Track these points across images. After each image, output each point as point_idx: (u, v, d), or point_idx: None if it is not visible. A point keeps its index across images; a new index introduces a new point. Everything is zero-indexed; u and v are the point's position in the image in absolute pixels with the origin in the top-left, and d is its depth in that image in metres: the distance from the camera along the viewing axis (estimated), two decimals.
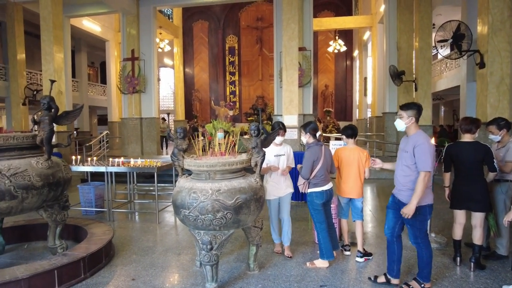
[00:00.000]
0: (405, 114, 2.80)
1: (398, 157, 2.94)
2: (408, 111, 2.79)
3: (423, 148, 2.67)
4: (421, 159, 2.67)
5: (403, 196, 2.84)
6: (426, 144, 2.69)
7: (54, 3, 7.99)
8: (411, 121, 2.79)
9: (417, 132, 2.79)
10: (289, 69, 7.89)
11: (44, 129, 3.42)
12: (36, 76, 13.94)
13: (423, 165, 2.67)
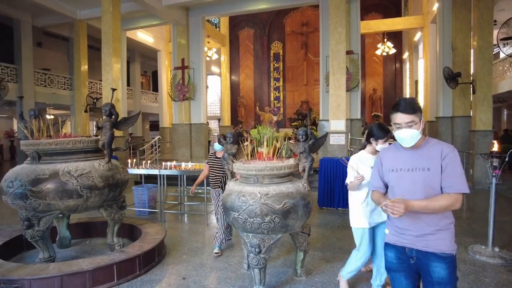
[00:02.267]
0: (417, 118, 1.83)
1: (408, 181, 1.88)
2: (418, 113, 1.85)
3: (456, 158, 1.81)
4: (457, 174, 1.78)
5: (433, 242, 1.83)
6: (456, 152, 1.85)
7: (114, 18, 8.65)
8: (423, 126, 1.89)
9: (428, 138, 1.95)
10: (336, 73, 7.76)
11: (105, 134, 3.71)
12: (96, 85, 15.14)
13: (460, 185, 1.78)
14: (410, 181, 1.86)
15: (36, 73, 12.58)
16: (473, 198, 7.26)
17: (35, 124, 3.71)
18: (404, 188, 1.87)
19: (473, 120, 8.58)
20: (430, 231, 1.82)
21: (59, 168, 3.46)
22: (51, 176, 3.40)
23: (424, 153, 1.87)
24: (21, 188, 3.35)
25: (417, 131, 1.84)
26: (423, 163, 1.85)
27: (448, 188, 1.77)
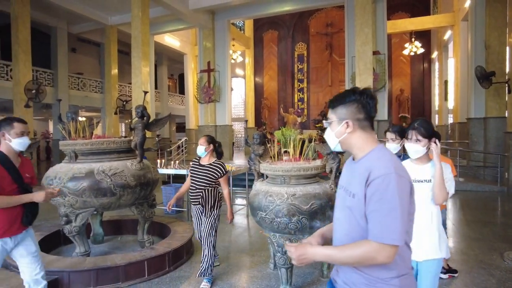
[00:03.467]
0: (333, 115, 1.33)
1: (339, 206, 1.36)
2: (337, 108, 1.31)
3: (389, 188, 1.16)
4: (382, 213, 1.17)
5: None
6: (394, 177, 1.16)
7: (143, 23, 8.96)
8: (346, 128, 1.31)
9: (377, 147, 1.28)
10: (362, 74, 7.67)
11: (137, 134, 3.86)
12: (125, 88, 15.68)
13: (382, 231, 1.17)
14: (339, 206, 1.35)
15: (70, 77, 13.21)
16: (509, 202, 6.94)
17: (72, 125, 3.92)
18: (335, 214, 1.38)
19: (509, 121, 8.19)
20: (361, 282, 1.24)
21: (94, 167, 3.64)
22: (87, 174, 3.58)
23: (357, 169, 1.26)
24: (60, 186, 3.55)
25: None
26: (351, 184, 1.27)
27: (369, 231, 1.17)
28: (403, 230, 1.15)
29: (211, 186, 3.24)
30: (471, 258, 3.94)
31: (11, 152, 2.32)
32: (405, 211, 1.15)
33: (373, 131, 1.30)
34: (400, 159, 1.67)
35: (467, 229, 5.11)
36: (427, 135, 2.06)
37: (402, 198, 1.14)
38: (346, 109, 1.28)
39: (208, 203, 3.22)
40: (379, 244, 1.13)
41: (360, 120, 1.27)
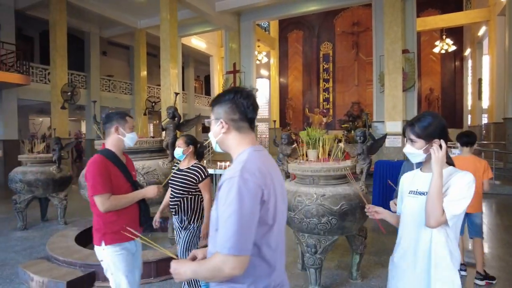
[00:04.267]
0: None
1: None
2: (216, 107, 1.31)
3: (232, 193, 1.08)
4: (223, 220, 1.10)
5: None
6: (241, 181, 1.09)
7: (171, 26, 9.20)
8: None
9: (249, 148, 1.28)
10: (391, 73, 7.51)
11: (169, 135, 3.99)
12: (154, 90, 16.12)
13: (221, 240, 1.08)
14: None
15: (102, 79, 13.75)
16: None
17: None
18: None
19: None
20: None
21: None
22: None
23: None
24: None
25: (211, 133, 1.32)
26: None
27: None
28: (243, 239, 1.04)
29: (190, 194, 2.68)
30: (510, 264, 3.78)
31: (119, 149, 2.16)
32: (247, 218, 1.04)
33: (251, 133, 1.25)
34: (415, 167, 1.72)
35: (505, 234, 4.90)
36: (423, 134, 1.53)
37: (243, 203, 1.04)
38: (222, 108, 1.25)
39: (186, 214, 2.69)
40: (223, 254, 1.04)
41: (235, 121, 1.22)
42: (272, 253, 1.16)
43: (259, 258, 1.13)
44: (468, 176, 1.48)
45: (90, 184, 1.98)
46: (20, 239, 4.87)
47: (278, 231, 1.18)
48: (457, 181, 1.47)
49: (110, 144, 2.12)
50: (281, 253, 1.23)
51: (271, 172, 1.17)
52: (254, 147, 1.22)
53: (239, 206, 1.04)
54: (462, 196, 1.44)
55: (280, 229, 1.20)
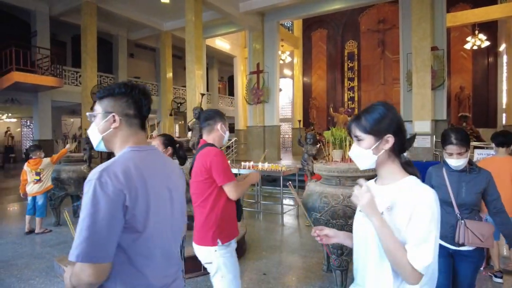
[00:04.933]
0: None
1: None
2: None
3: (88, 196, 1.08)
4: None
5: None
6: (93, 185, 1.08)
7: (196, 27, 9.35)
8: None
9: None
10: (420, 71, 7.28)
11: (195, 135, 4.05)
12: (179, 91, 16.44)
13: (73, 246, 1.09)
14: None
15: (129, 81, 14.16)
16: None
17: None
18: None
19: None
20: None
21: None
22: None
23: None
24: None
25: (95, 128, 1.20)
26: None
27: None
28: (97, 245, 0.97)
29: None
30: None
31: (219, 145, 2.20)
32: (102, 223, 0.97)
33: (141, 131, 1.19)
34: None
35: None
36: (373, 129, 1.16)
37: (98, 207, 0.97)
38: (115, 102, 1.14)
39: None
40: (78, 262, 0.98)
41: (129, 116, 1.15)
42: (145, 261, 1.08)
43: (131, 266, 1.07)
44: (429, 197, 1.09)
45: (221, 173, 1.99)
46: (54, 234, 5.11)
47: (154, 238, 1.10)
48: (419, 209, 1.07)
49: (212, 140, 2.15)
50: (162, 259, 1.15)
51: (145, 175, 1.08)
52: (134, 146, 1.15)
53: (93, 211, 0.97)
54: (427, 232, 1.05)
55: (158, 235, 1.12)
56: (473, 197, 2.13)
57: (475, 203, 2.15)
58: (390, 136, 1.14)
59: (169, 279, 1.17)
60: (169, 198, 1.17)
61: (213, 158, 2.01)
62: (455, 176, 2.17)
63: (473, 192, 2.13)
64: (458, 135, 2.07)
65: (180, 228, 1.26)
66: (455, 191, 2.15)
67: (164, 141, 2.53)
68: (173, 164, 1.31)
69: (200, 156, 2.05)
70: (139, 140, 1.18)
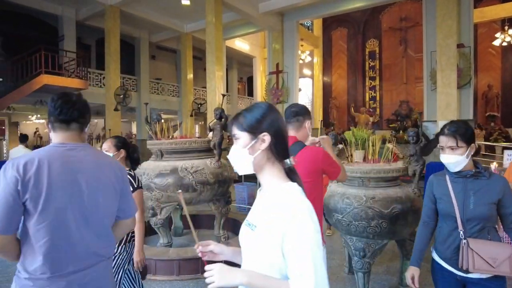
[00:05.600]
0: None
1: None
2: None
3: None
4: None
5: None
6: None
7: (217, 29, 9.43)
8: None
9: None
10: (445, 70, 7.06)
11: (216, 135, 4.09)
12: (199, 92, 16.63)
13: None
14: None
15: (151, 82, 14.46)
16: None
17: (158, 126, 4.30)
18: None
19: None
20: None
21: (178, 165, 3.94)
22: (172, 171, 3.90)
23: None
24: (149, 181, 3.92)
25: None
26: None
27: None
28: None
29: None
30: None
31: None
32: (1, 201, 1.19)
33: (65, 132, 1.38)
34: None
35: None
36: (250, 127, 1.07)
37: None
38: (48, 114, 1.41)
39: None
40: None
41: (51, 122, 1.40)
42: (41, 246, 1.24)
43: (30, 245, 1.26)
44: (304, 211, 0.96)
45: (335, 168, 2.00)
46: None
47: (52, 222, 1.26)
48: (294, 227, 0.94)
49: (301, 137, 2.07)
50: (65, 245, 1.29)
51: (52, 167, 1.27)
52: (57, 143, 1.37)
53: None
54: (308, 257, 0.93)
55: (59, 221, 1.28)
56: (484, 209, 1.68)
57: (487, 216, 1.68)
58: (266, 134, 1.05)
59: (76, 267, 1.31)
60: (79, 190, 1.33)
61: (323, 153, 1.98)
62: (461, 184, 1.74)
63: (484, 203, 1.68)
64: (453, 124, 1.73)
65: (99, 220, 1.39)
66: (460, 202, 1.71)
67: (116, 143, 2.38)
68: (107, 161, 1.49)
69: (307, 156, 1.92)
70: (64, 139, 1.39)
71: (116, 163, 1.56)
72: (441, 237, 1.81)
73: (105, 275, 1.43)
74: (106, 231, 1.43)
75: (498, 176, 1.76)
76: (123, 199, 1.50)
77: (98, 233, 1.39)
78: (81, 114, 1.41)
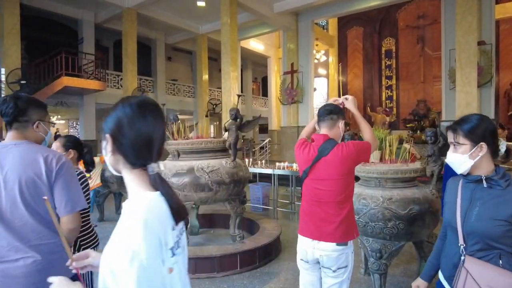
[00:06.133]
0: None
1: None
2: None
3: None
4: None
5: None
6: None
7: (232, 30, 9.49)
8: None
9: None
10: (464, 68, 6.89)
11: (231, 135, 4.12)
12: (214, 92, 16.76)
13: None
14: None
15: (167, 83, 14.67)
16: None
17: (175, 127, 4.36)
18: None
19: None
20: None
21: (194, 165, 3.99)
22: (188, 171, 3.95)
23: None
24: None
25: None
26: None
27: None
28: None
29: None
30: None
31: None
32: None
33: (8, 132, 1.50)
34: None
35: None
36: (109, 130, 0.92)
37: None
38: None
39: None
40: None
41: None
42: None
43: None
44: (136, 232, 0.76)
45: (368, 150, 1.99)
46: (98, 229, 5.39)
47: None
48: (118, 249, 0.77)
49: (333, 135, 2.04)
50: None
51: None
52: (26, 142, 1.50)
53: None
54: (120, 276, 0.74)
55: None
56: (487, 225, 1.33)
57: (490, 235, 1.33)
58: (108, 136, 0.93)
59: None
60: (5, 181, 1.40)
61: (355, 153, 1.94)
62: (470, 191, 1.44)
63: (488, 217, 1.34)
64: (459, 120, 1.49)
65: (18, 215, 1.40)
66: (463, 212, 1.41)
67: (65, 143, 2.19)
68: (34, 157, 1.45)
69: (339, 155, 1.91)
70: (9, 138, 1.50)
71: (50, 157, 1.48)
72: (445, 250, 1.55)
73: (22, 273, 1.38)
74: (27, 228, 1.40)
75: None
76: (55, 191, 1.45)
77: (14, 228, 1.38)
78: (21, 112, 1.48)
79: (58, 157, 1.50)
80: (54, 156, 1.49)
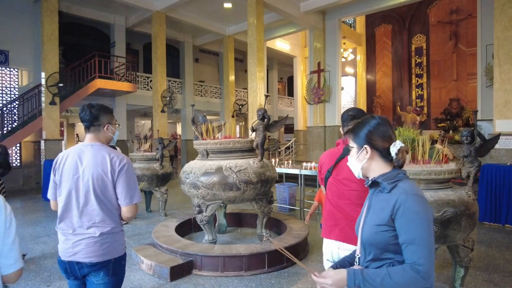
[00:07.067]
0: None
1: None
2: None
3: None
4: None
5: None
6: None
7: (258, 30, 9.53)
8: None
9: None
10: (503, 64, 6.54)
11: (259, 135, 4.15)
12: (240, 93, 16.88)
13: None
14: None
15: (195, 84, 14.95)
16: None
17: (204, 127, 4.44)
18: None
19: None
20: None
21: (223, 164, 4.05)
22: (217, 170, 4.02)
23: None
24: (195, 179, 4.08)
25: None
26: None
27: None
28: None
29: None
30: None
31: None
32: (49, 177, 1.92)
33: (86, 134, 1.97)
34: None
35: None
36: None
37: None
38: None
39: None
40: None
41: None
42: (60, 205, 1.84)
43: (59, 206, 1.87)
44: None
45: None
46: (130, 226, 5.60)
47: (64, 196, 1.83)
48: None
49: None
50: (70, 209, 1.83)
51: (65, 160, 1.86)
52: (81, 143, 1.91)
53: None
54: None
55: (65, 195, 1.83)
56: (370, 232, 1.27)
57: (375, 242, 1.26)
58: None
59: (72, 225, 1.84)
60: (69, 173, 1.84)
61: None
62: (369, 196, 1.39)
63: (371, 223, 1.28)
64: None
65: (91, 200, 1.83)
66: (363, 220, 1.35)
67: None
68: (101, 158, 1.84)
69: None
70: (86, 140, 1.92)
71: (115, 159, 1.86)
72: None
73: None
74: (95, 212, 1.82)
75: (403, 189, 1.23)
76: (117, 186, 1.85)
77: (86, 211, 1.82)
78: (95, 119, 1.88)
79: (121, 159, 1.86)
80: (117, 158, 1.86)
